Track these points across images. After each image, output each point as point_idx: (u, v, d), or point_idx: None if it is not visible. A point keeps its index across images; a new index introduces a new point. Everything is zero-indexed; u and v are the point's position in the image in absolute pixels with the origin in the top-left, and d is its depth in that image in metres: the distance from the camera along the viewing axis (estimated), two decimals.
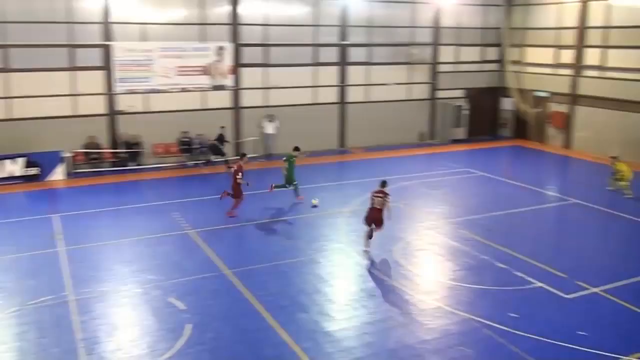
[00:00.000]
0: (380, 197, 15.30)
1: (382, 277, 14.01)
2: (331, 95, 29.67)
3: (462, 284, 13.68)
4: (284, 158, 20.08)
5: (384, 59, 30.62)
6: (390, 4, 30.29)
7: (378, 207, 15.29)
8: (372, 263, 14.80)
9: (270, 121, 27.48)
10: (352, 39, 29.56)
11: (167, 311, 12.03)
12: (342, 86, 29.82)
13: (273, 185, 19.99)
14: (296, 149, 20.36)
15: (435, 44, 31.95)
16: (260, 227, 17.74)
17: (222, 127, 26.35)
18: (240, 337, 11.02)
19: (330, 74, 29.39)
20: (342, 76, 29.76)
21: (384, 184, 15.72)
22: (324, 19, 28.77)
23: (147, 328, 11.36)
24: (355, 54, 29.82)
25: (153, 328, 11.35)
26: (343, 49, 29.45)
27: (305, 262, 14.90)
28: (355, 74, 29.97)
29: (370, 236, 15.48)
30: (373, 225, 15.41)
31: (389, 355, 10.47)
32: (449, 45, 32.38)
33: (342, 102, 30.01)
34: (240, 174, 18.15)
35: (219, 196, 18.71)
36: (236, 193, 18.41)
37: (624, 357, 10.50)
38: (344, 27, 29.25)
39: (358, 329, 11.40)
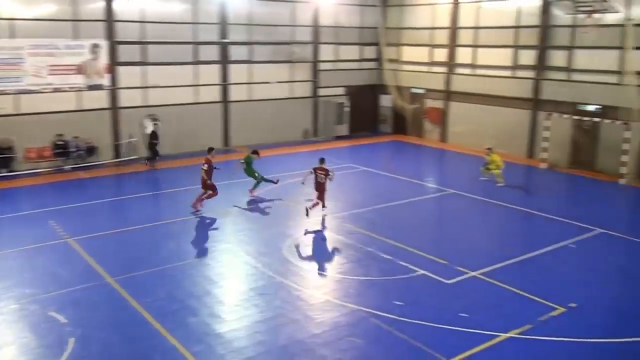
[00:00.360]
0: (323, 173, 17.95)
1: (271, 274, 14.03)
2: (213, 94, 29.29)
3: (349, 277, 14.00)
4: (242, 160, 20.73)
5: (265, 58, 30.67)
6: (269, 3, 30.35)
7: (322, 181, 17.93)
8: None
9: (152, 121, 26.69)
10: (232, 37, 29.34)
11: (47, 326, 11.37)
12: (225, 85, 29.55)
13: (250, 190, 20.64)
14: (255, 152, 21.04)
15: (316, 43, 32.42)
16: (145, 231, 17.18)
17: (155, 124, 25.93)
18: (128, 346, 10.64)
19: (211, 73, 29.01)
20: (224, 75, 29.49)
21: (322, 161, 18.28)
22: (203, 16, 28.33)
23: (26, 346, 10.68)
24: (236, 53, 29.62)
25: (32, 345, 10.69)
26: (224, 47, 29.17)
27: (193, 264, 14.64)
28: (237, 72, 29.78)
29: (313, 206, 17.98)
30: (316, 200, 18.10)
31: (281, 351, 10.52)
32: (329, 44, 32.99)
33: (225, 101, 29.74)
34: (206, 166, 18.60)
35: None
36: (205, 186, 18.70)
37: (503, 334, 11.20)
38: (224, 25, 28.97)
39: (249, 329, 11.35)
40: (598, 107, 25.32)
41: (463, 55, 31.20)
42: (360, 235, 16.88)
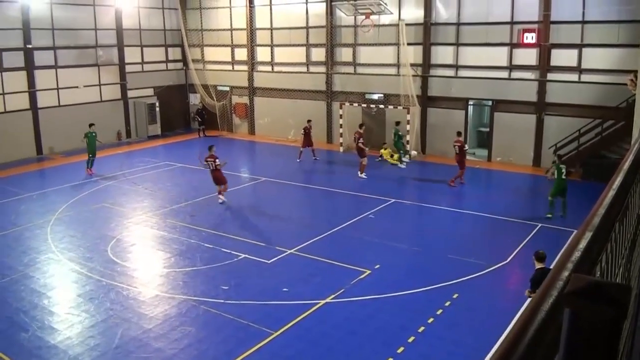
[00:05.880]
0: (211, 160, 18.51)
1: (98, 278, 13.33)
2: (20, 101, 26.61)
3: (175, 269, 13.82)
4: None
5: (72, 62, 28.59)
6: (71, 7, 28.24)
7: (216, 168, 18.52)
8: (91, 266, 14.00)
9: None
10: (37, 43, 26.89)
11: None
12: (32, 91, 27.00)
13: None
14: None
15: (121, 46, 30.89)
16: None
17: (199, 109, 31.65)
18: None
19: (17, 80, 26.34)
20: (31, 81, 26.95)
21: (211, 148, 18.90)
22: (4, 22, 25.61)
23: None
24: (42, 58, 27.21)
25: None
26: (28, 52, 26.63)
27: (16, 279, 13.34)
28: (44, 78, 27.39)
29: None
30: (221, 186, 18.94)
31: (116, 352, 10.13)
32: (135, 46, 31.65)
33: (34, 108, 27.20)
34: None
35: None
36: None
37: (321, 300, 11.83)
38: (27, 30, 26.42)
39: (82, 335, 10.73)
40: (381, 95, 27.36)
41: (262, 54, 31.74)
42: (183, 229, 16.65)
